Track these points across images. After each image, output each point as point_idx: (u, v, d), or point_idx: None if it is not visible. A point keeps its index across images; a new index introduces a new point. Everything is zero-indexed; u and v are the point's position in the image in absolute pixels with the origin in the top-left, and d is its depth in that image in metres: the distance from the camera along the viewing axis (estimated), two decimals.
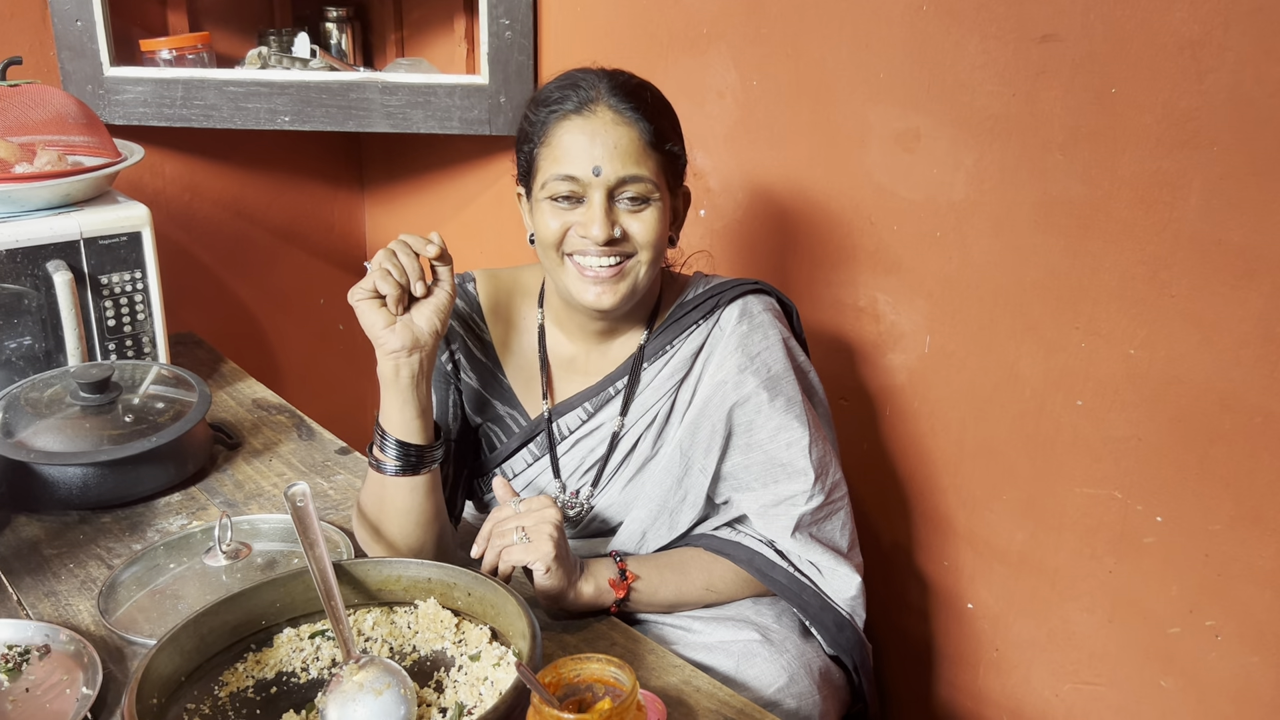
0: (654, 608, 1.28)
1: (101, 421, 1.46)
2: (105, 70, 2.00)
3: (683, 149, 1.29)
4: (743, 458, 1.32)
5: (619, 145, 1.20)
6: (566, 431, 1.37)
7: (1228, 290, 1.22)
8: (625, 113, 1.21)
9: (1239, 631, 1.28)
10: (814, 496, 1.30)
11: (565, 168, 1.22)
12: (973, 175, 1.43)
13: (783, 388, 1.31)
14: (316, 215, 2.56)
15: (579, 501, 1.37)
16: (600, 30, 1.94)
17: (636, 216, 1.23)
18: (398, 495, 1.23)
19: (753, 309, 1.34)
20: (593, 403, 1.36)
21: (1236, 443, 1.24)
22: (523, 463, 1.39)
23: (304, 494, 1.14)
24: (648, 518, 1.33)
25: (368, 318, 1.18)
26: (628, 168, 1.21)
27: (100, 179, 1.71)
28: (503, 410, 1.39)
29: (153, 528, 1.41)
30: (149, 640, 1.14)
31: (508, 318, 1.40)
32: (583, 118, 1.21)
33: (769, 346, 1.32)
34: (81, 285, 1.65)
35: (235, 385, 1.88)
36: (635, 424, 1.34)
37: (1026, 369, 1.43)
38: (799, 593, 1.31)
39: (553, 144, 1.23)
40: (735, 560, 1.31)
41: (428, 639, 1.12)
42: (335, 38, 2.33)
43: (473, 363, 1.39)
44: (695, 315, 1.34)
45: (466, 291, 1.40)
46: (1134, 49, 1.24)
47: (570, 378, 1.38)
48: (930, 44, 1.44)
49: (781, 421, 1.30)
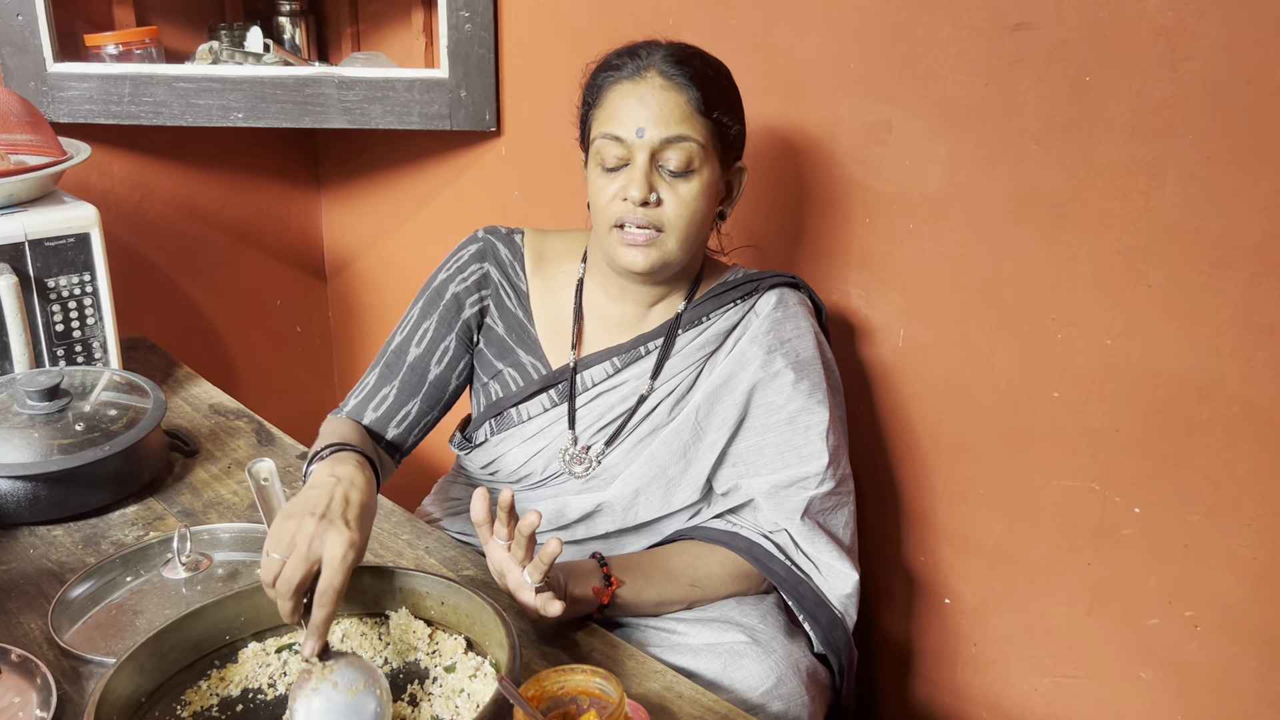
0: (638, 610, 1.27)
1: (51, 430, 1.40)
2: (48, 66, 1.93)
3: (737, 121, 1.32)
4: (756, 439, 1.34)
5: (664, 108, 1.24)
6: (590, 383, 1.39)
7: (1204, 280, 1.21)
8: (675, 78, 1.25)
9: (1218, 622, 1.28)
10: (825, 480, 1.32)
11: (612, 128, 1.26)
12: (946, 166, 1.42)
13: (809, 373, 1.34)
14: (272, 214, 2.50)
15: (588, 457, 1.38)
16: (563, 22, 1.90)
17: (675, 187, 1.26)
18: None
19: (788, 299, 1.38)
20: (622, 358, 1.38)
21: (1214, 433, 1.24)
22: (539, 407, 1.40)
23: (269, 471, 1.11)
24: (645, 477, 1.35)
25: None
26: (671, 128, 1.24)
27: (45, 179, 1.64)
28: (525, 359, 1.41)
29: (107, 540, 1.36)
30: (106, 659, 1.09)
31: (548, 273, 1.44)
32: (633, 82, 1.26)
33: (800, 334, 1.36)
34: (27, 289, 1.59)
35: (191, 390, 1.82)
36: (661, 387, 1.37)
37: (1002, 361, 1.42)
38: (795, 585, 1.31)
39: (605, 105, 1.28)
40: (735, 550, 1.31)
41: (400, 650, 1.08)
42: (289, 32, 2.27)
43: (502, 311, 1.42)
44: (734, 294, 1.39)
45: (514, 242, 1.45)
46: (1108, 37, 1.23)
47: (601, 334, 1.40)
48: (901, 33, 1.42)
49: (804, 404, 1.33)
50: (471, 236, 1.45)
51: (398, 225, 2.42)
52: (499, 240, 1.44)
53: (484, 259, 1.43)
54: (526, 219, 2.09)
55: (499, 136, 2.10)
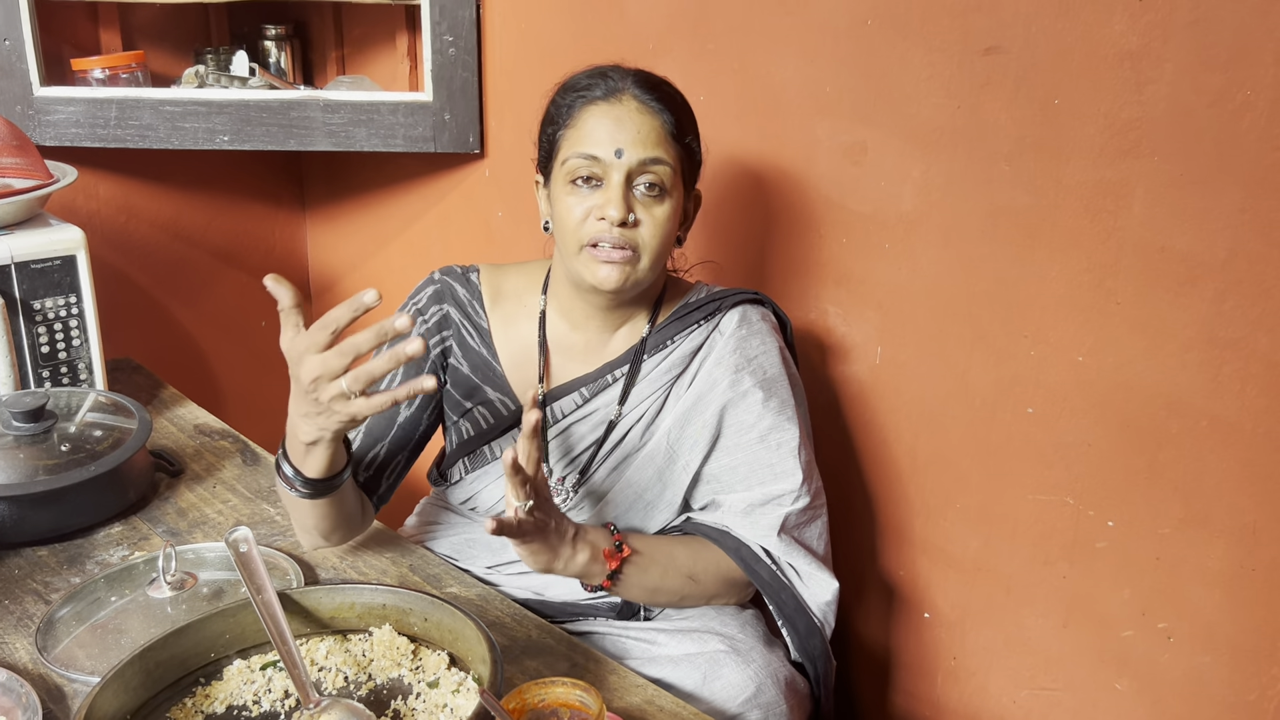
0: (638, 590, 1.29)
1: (36, 451, 1.41)
2: (35, 90, 1.95)
3: (700, 148, 1.34)
4: (729, 459, 1.34)
5: (641, 131, 1.25)
6: (560, 415, 1.38)
7: (1172, 296, 1.24)
8: (650, 103, 1.26)
9: (1190, 632, 1.30)
10: (800, 497, 1.33)
11: (588, 148, 1.25)
12: (920, 187, 1.45)
13: (777, 390, 1.35)
14: (257, 236, 2.52)
15: (564, 489, 1.39)
16: (545, 46, 1.93)
17: (650, 209, 1.26)
18: (301, 505, 1.26)
19: (751, 316, 1.38)
20: (590, 388, 1.37)
21: (1184, 446, 1.26)
22: (511, 442, 1.40)
23: (246, 539, 1.10)
24: (624, 504, 1.35)
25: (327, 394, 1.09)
26: (649, 150, 1.25)
27: (31, 201, 1.66)
28: (494, 395, 1.40)
29: (92, 560, 1.36)
30: (91, 677, 1.10)
31: (508, 307, 1.42)
32: (609, 104, 1.26)
33: (766, 351, 1.36)
34: (13, 311, 1.60)
35: (176, 410, 1.83)
36: (630, 413, 1.36)
37: (977, 378, 1.45)
38: (778, 591, 1.32)
39: (578, 125, 1.27)
40: (724, 548, 1.32)
41: (383, 666, 1.09)
42: (274, 56, 2.29)
43: (466, 350, 1.40)
44: (697, 315, 1.38)
45: (470, 281, 1.42)
46: (1075, 61, 1.26)
47: (567, 365, 1.40)
48: (876, 57, 1.45)
49: (774, 422, 1.33)
50: (428, 279, 1.43)
51: (382, 246, 2.44)
52: (455, 280, 1.42)
53: (442, 300, 1.40)
54: (510, 240, 2.11)
55: (482, 159, 2.12)
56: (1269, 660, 1.24)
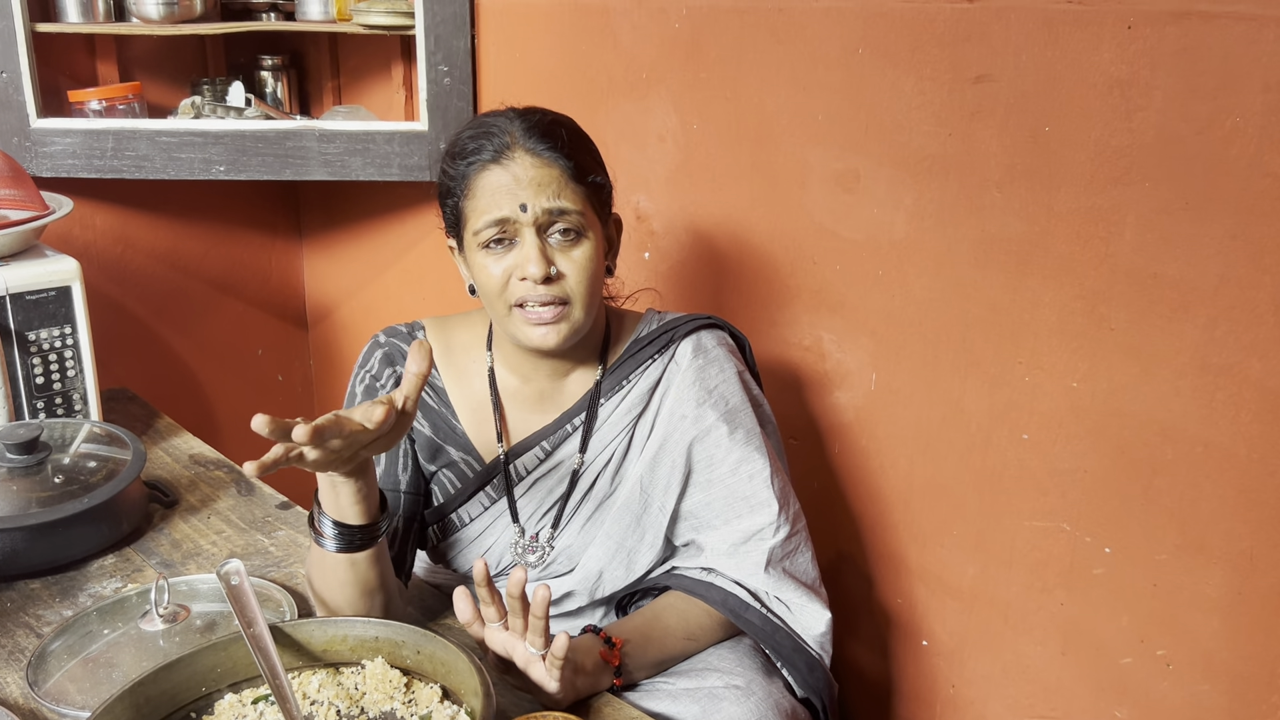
0: (645, 670, 1.25)
1: (30, 483, 1.40)
2: (32, 122, 1.96)
3: (606, 178, 1.30)
4: (704, 494, 1.32)
5: (541, 183, 1.21)
6: (524, 471, 1.36)
7: (1164, 323, 1.24)
8: (543, 154, 1.22)
9: (1189, 660, 1.30)
10: (780, 528, 1.31)
11: (493, 213, 1.22)
12: (912, 214, 1.45)
13: (741, 420, 1.33)
14: (253, 265, 2.52)
15: (539, 544, 1.36)
16: (540, 75, 1.94)
17: (569, 254, 1.23)
18: (339, 568, 1.18)
19: (706, 344, 1.35)
20: (550, 441, 1.35)
21: (1179, 473, 1.26)
22: (479, 506, 1.37)
23: (238, 571, 1.08)
24: (605, 556, 1.32)
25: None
26: (553, 201, 1.21)
27: (27, 233, 1.66)
28: (457, 455, 1.37)
29: (85, 592, 1.36)
30: (82, 712, 1.09)
31: (459, 363, 1.39)
32: (501, 166, 1.22)
33: (725, 380, 1.34)
34: (8, 342, 1.60)
35: (171, 441, 1.83)
36: (594, 461, 1.34)
37: (971, 404, 1.45)
38: (772, 634, 1.30)
39: (476, 194, 1.24)
40: (710, 603, 1.30)
41: (376, 700, 1.08)
42: (270, 86, 2.31)
43: (425, 410, 1.37)
44: (650, 350, 1.35)
45: (416, 339, 1.37)
46: (1065, 89, 1.27)
47: (525, 418, 1.37)
48: (867, 86, 1.46)
49: (743, 454, 1.31)
50: (373, 342, 1.38)
51: (379, 274, 2.44)
52: (401, 340, 1.37)
53: (393, 363, 1.36)
54: None
55: None
56: (1268, 688, 1.23)
